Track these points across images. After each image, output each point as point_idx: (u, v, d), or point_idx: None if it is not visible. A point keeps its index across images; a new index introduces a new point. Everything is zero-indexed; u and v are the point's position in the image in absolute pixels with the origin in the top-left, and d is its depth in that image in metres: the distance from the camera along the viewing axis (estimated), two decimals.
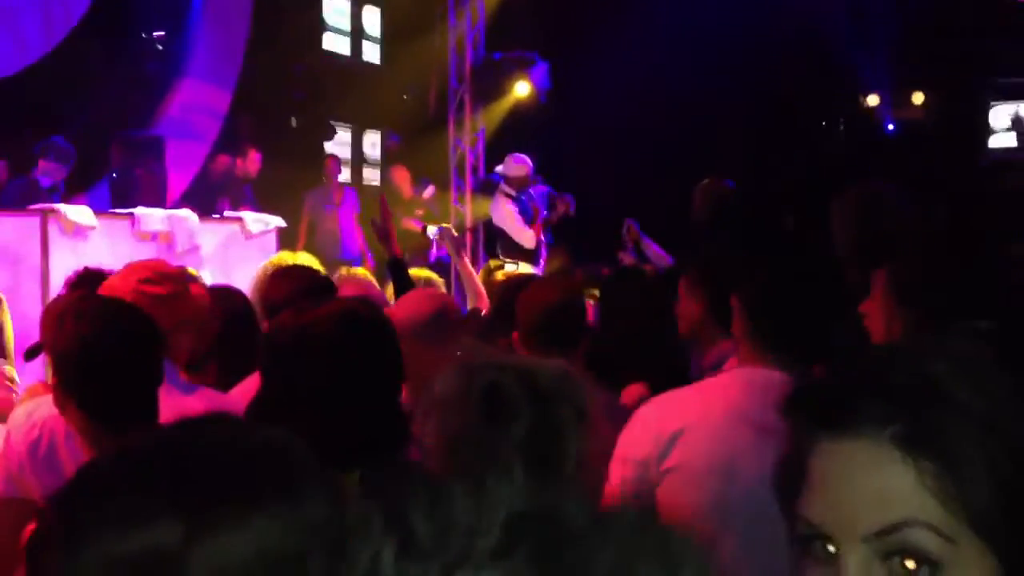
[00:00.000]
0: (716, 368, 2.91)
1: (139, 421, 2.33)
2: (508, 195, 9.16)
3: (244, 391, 3.03)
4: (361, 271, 4.81)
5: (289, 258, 4.49)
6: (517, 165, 9.16)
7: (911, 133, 14.98)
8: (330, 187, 10.79)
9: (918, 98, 15.50)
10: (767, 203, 5.57)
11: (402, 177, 10.75)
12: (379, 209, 4.86)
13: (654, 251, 6.78)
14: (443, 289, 5.25)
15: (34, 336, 3.21)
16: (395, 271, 4.63)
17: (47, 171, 8.12)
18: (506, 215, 9.12)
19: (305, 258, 4.54)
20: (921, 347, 1.08)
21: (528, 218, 9.11)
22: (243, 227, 8.09)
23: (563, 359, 2.81)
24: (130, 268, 3.07)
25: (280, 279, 3.47)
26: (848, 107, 15.45)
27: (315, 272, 3.61)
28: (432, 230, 6.30)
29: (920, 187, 4.60)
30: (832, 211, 3.98)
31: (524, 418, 1.68)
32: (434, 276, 5.15)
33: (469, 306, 5.12)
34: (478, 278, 5.41)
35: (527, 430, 1.67)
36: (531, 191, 9.30)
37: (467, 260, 5.62)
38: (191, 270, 4.80)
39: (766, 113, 13.34)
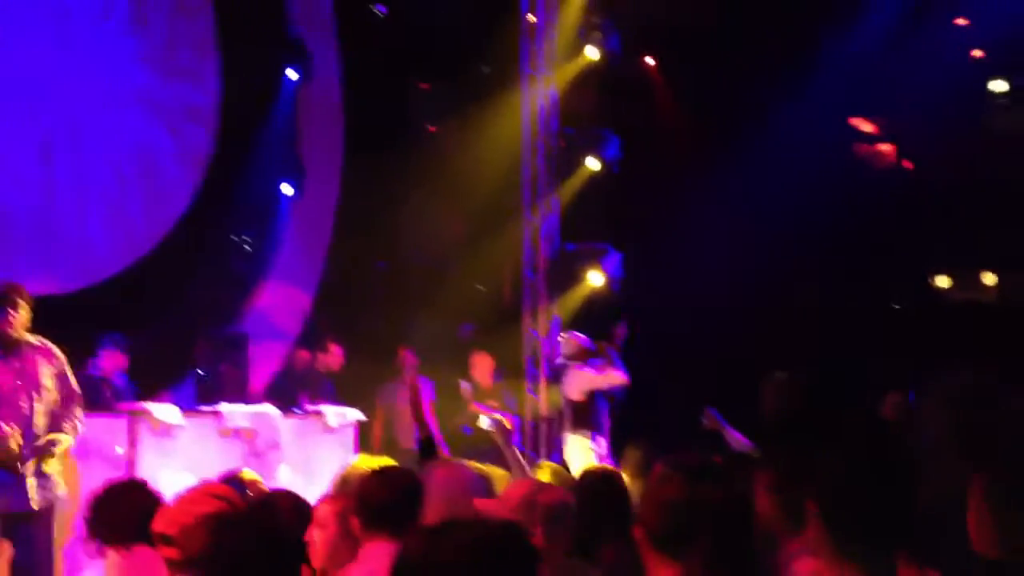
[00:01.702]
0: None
1: None
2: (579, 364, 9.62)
3: None
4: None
5: (370, 463, 4.51)
6: (570, 341, 9.81)
7: (986, 316, 14.70)
8: (405, 378, 10.87)
9: (990, 279, 15.24)
10: (843, 396, 5.47)
11: (483, 364, 10.76)
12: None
13: (736, 439, 6.71)
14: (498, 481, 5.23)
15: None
16: (424, 450, 4.62)
17: (105, 363, 8.18)
18: (581, 376, 9.56)
19: (385, 461, 4.56)
20: None
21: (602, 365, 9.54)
22: (323, 421, 8.20)
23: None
24: (188, 492, 3.34)
25: (377, 482, 3.53)
26: (917, 289, 15.29)
27: (410, 474, 3.66)
28: (484, 421, 6.33)
29: (1008, 376, 4.53)
30: (921, 402, 3.93)
31: None
32: (495, 471, 5.08)
33: None
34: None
35: None
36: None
37: (517, 451, 5.60)
38: (247, 474, 4.87)
39: (836, 296, 13.30)
